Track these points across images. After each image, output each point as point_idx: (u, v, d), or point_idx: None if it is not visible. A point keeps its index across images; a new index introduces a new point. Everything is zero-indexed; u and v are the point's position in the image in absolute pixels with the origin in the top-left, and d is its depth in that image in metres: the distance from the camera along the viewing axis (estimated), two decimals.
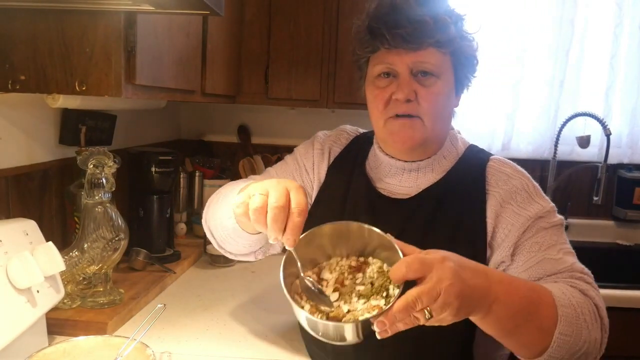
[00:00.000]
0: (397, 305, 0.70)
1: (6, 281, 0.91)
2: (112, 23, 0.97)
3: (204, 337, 1.22)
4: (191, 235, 2.04)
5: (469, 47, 1.02)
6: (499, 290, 0.78)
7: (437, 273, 0.71)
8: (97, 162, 1.22)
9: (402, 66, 0.97)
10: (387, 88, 0.99)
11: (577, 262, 0.96)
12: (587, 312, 0.86)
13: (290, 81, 1.94)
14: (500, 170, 1.03)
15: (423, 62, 0.96)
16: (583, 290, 0.90)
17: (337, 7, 1.90)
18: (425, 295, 0.70)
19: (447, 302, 0.70)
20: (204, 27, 1.45)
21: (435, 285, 0.70)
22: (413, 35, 0.94)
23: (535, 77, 2.25)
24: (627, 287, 1.76)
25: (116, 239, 1.24)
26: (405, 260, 0.74)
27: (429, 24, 0.94)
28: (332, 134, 1.21)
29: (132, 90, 1.05)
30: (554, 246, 0.96)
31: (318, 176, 1.16)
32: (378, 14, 0.98)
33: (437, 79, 0.98)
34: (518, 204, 0.98)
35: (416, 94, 0.97)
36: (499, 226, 0.98)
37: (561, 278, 0.93)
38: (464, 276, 0.73)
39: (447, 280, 0.71)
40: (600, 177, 2.14)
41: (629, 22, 2.19)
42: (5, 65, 1.00)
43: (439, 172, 1.06)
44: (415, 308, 0.70)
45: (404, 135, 1.00)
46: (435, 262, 0.73)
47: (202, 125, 2.43)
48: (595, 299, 0.90)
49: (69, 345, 0.94)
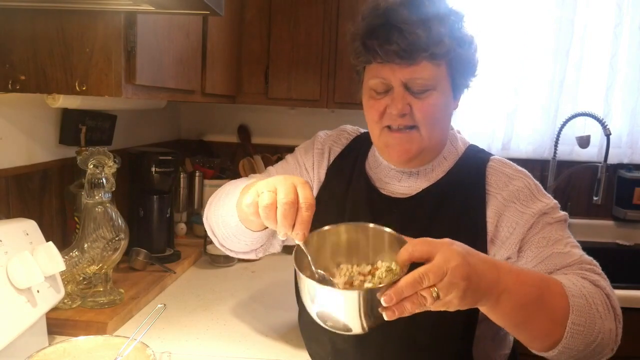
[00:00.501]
0: (404, 279, 0.70)
1: (6, 281, 0.91)
2: (112, 23, 0.97)
3: (204, 337, 1.22)
4: (191, 235, 2.04)
5: (467, 53, 0.99)
6: (508, 280, 0.77)
7: (444, 254, 0.72)
8: (97, 162, 1.22)
9: (396, 81, 0.95)
10: (381, 100, 0.98)
11: (584, 255, 0.96)
12: (600, 302, 0.85)
13: (290, 81, 1.95)
14: (501, 171, 1.03)
15: (417, 77, 0.95)
16: (594, 281, 0.89)
17: (337, 8, 1.90)
18: (432, 272, 0.70)
19: (453, 282, 0.70)
20: (204, 27, 1.45)
21: (442, 264, 0.71)
22: (406, 51, 0.92)
23: (535, 77, 2.25)
24: (627, 287, 1.77)
25: (116, 239, 1.25)
26: (412, 241, 0.74)
27: (421, 38, 0.91)
28: (332, 133, 1.21)
29: (132, 90, 1.05)
30: (561, 240, 0.96)
31: (318, 176, 1.17)
32: (370, 27, 0.95)
33: (433, 90, 0.96)
34: (522, 203, 0.98)
35: (411, 106, 0.96)
36: (502, 224, 0.98)
37: (571, 270, 0.92)
38: (471, 261, 0.73)
39: (454, 260, 0.71)
40: (600, 177, 2.14)
41: (629, 22, 2.19)
42: (5, 65, 1.00)
43: (439, 172, 1.06)
44: (422, 284, 0.70)
45: (400, 149, 1.00)
46: (443, 245, 0.73)
47: (202, 125, 2.43)
48: (607, 289, 0.90)
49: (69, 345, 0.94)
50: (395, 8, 0.93)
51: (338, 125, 1.24)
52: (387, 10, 0.94)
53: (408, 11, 0.92)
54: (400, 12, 0.92)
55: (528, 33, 2.21)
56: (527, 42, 2.21)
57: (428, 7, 0.94)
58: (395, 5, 0.94)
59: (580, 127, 2.25)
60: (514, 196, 0.99)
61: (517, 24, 2.20)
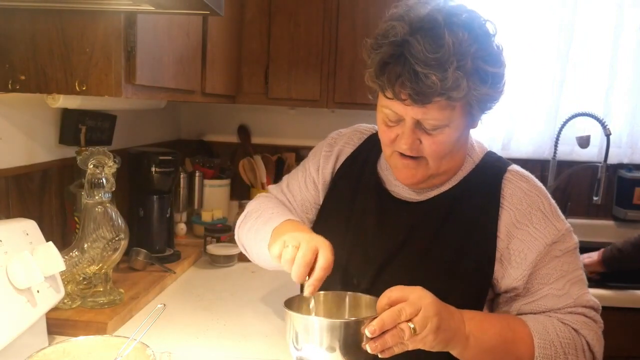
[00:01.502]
0: (385, 312, 0.81)
1: (6, 281, 0.91)
2: (112, 23, 0.97)
3: (204, 337, 1.22)
4: (191, 235, 2.04)
5: (489, 89, 0.89)
6: (472, 326, 0.88)
7: (418, 294, 0.84)
8: (97, 162, 1.22)
9: (408, 117, 0.91)
10: (394, 128, 0.95)
11: (583, 295, 0.96)
12: (574, 350, 0.91)
13: (290, 81, 1.94)
14: (517, 185, 0.99)
15: (429, 118, 0.89)
16: (576, 329, 0.93)
17: (337, 7, 1.90)
18: (408, 306, 0.81)
19: (427, 316, 0.81)
20: (204, 27, 1.45)
21: (416, 300, 0.82)
22: (419, 95, 0.85)
23: (535, 77, 2.25)
24: (627, 287, 1.77)
25: (116, 239, 1.24)
26: (389, 289, 0.85)
27: (436, 84, 0.83)
28: (346, 132, 1.20)
29: (132, 90, 1.05)
30: (563, 277, 0.95)
31: (323, 177, 1.17)
32: (384, 59, 0.88)
33: (445, 127, 0.91)
34: (534, 225, 0.95)
35: (421, 140, 0.93)
36: (513, 245, 0.96)
37: (559, 313, 0.95)
38: (441, 304, 0.85)
39: (427, 299, 0.83)
40: (600, 177, 2.14)
41: (629, 22, 2.19)
42: (5, 65, 1.00)
43: (453, 180, 1.03)
44: (400, 317, 0.81)
45: (408, 173, 0.99)
46: (416, 288, 0.85)
47: (202, 125, 2.43)
48: (589, 336, 0.93)
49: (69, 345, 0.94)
50: (412, 39, 0.84)
51: (338, 125, 1.24)
52: (404, 41, 0.85)
53: (425, 43, 0.83)
54: (416, 45, 0.83)
55: (528, 33, 2.21)
56: (527, 42, 2.21)
57: (449, 36, 0.83)
58: (413, 32, 0.85)
59: (580, 127, 2.25)
60: (526, 216, 0.96)
61: (518, 24, 2.20)
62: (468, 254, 0.97)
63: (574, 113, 2.18)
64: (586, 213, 2.38)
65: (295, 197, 1.20)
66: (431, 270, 0.98)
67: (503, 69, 0.92)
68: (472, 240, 0.98)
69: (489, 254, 0.97)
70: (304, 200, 1.19)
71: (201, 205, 2.10)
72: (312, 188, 1.18)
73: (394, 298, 0.83)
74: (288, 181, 1.24)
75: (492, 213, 0.98)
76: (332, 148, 1.18)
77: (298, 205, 1.19)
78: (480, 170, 1.03)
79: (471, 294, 0.97)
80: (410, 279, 0.96)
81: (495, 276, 0.97)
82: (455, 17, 0.86)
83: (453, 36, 0.84)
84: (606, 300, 1.72)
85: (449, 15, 0.86)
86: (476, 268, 0.97)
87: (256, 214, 1.16)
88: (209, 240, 1.84)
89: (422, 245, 1.00)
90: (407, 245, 1.01)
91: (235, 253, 1.76)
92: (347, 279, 1.04)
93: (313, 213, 1.18)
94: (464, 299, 0.95)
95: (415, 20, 0.86)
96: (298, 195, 1.19)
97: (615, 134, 2.23)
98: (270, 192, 1.27)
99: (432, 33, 0.84)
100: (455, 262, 0.97)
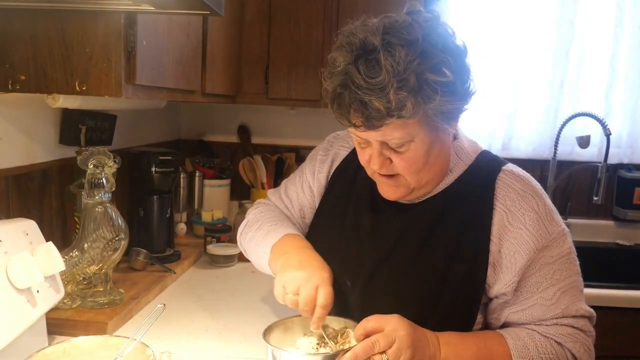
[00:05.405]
0: (359, 344, 0.85)
1: (6, 281, 0.91)
2: (112, 23, 0.97)
3: (204, 337, 1.22)
4: (191, 235, 2.04)
5: (445, 100, 0.85)
6: (447, 351, 0.90)
7: (393, 325, 0.86)
8: (97, 162, 1.22)
9: (371, 139, 0.91)
10: (366, 149, 0.96)
11: (573, 304, 0.95)
12: None
13: (290, 81, 1.94)
14: (510, 186, 0.97)
15: (390, 138, 0.89)
16: (560, 342, 0.93)
17: (337, 7, 1.90)
18: (382, 338, 0.84)
19: (400, 347, 0.84)
20: (204, 27, 1.45)
21: (391, 332, 0.85)
22: (369, 121, 0.84)
23: (535, 77, 2.25)
24: (627, 287, 1.77)
25: (116, 239, 1.25)
26: (366, 318, 0.89)
27: (381, 110, 0.82)
28: (341, 135, 1.20)
29: (132, 90, 1.05)
30: (554, 285, 0.94)
31: (318, 181, 1.17)
32: (333, 90, 0.89)
33: (411, 142, 0.90)
34: (526, 227, 0.94)
35: (391, 159, 0.93)
36: (505, 248, 0.95)
37: (543, 326, 0.95)
38: (416, 332, 0.88)
39: (402, 330, 0.86)
40: (600, 177, 2.14)
41: (629, 22, 2.19)
42: (5, 65, 1.00)
43: (445, 183, 1.02)
44: (374, 349, 0.84)
45: (389, 190, 0.99)
46: (392, 318, 0.88)
47: (202, 125, 2.43)
48: (573, 349, 0.93)
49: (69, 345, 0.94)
50: (352, 68, 0.84)
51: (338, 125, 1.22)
52: (346, 70, 0.85)
53: (365, 70, 0.83)
54: (356, 74, 0.83)
55: (528, 33, 2.21)
56: (527, 42, 2.21)
57: (385, 59, 0.81)
58: (354, 60, 0.84)
59: (581, 127, 2.25)
60: (519, 220, 0.94)
61: (518, 24, 2.20)
62: (460, 257, 0.96)
63: (574, 113, 2.18)
64: (586, 213, 2.38)
65: (293, 203, 1.21)
66: (422, 273, 0.98)
67: (460, 74, 0.87)
68: (465, 243, 0.96)
69: (481, 258, 0.95)
70: (302, 206, 1.20)
71: (201, 205, 2.10)
72: (309, 192, 1.19)
73: (370, 328, 0.87)
74: (286, 186, 1.25)
75: (485, 215, 0.96)
76: (328, 152, 1.18)
77: (296, 211, 1.21)
78: (473, 171, 1.01)
79: (462, 298, 0.97)
80: (402, 282, 0.97)
81: (488, 281, 0.96)
82: (393, 35, 0.83)
83: (390, 57, 0.82)
84: (606, 300, 1.73)
85: (386, 33, 0.84)
86: (468, 272, 0.95)
87: (256, 224, 1.18)
88: (209, 240, 1.84)
89: (413, 248, 0.99)
90: (398, 248, 1.00)
91: (235, 253, 1.76)
92: (341, 281, 1.04)
93: (310, 217, 1.19)
94: (456, 303, 0.96)
95: (355, 47, 0.85)
96: (295, 200, 1.21)
97: (615, 134, 2.23)
98: (269, 198, 1.28)
99: (370, 57, 0.83)
100: (447, 265, 0.96)
